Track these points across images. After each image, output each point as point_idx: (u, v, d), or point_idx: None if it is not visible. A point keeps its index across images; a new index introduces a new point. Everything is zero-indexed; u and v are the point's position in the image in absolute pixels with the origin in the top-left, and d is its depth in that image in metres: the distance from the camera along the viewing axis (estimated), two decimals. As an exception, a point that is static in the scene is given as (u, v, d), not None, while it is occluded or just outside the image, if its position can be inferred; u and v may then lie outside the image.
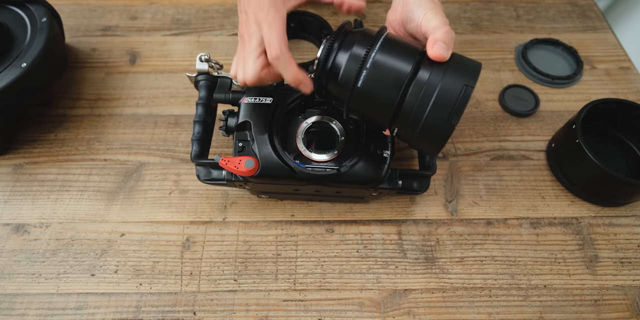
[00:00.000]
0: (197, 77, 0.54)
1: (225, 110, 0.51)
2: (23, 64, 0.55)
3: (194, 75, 0.54)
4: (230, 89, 0.53)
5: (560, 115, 0.66)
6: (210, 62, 0.54)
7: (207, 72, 0.54)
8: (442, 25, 0.40)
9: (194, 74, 0.54)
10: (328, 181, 0.47)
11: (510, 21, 0.77)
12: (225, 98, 0.51)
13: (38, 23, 0.59)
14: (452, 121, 0.37)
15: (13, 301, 0.51)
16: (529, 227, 0.57)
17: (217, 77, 0.54)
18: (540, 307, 0.51)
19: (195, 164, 0.52)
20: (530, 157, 0.63)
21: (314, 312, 0.51)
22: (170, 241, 0.55)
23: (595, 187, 0.56)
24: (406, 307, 0.51)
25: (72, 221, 0.57)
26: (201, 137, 0.52)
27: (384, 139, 0.48)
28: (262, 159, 0.46)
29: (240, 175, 0.47)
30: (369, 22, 0.76)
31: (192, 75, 0.55)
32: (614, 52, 0.73)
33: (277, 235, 0.56)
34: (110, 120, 0.65)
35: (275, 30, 0.42)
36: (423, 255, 0.55)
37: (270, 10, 0.43)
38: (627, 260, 0.55)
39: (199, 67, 0.53)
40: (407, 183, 0.51)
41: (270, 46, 0.42)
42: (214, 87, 0.53)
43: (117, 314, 0.50)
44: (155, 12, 0.77)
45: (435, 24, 0.41)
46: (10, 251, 0.54)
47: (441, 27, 0.40)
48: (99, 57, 0.72)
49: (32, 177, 0.60)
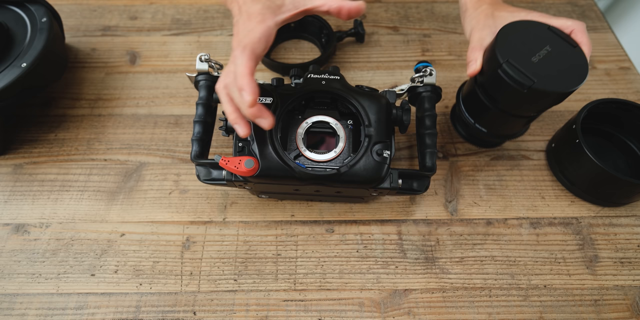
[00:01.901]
0: (197, 77, 0.54)
1: None
2: (23, 64, 0.55)
3: (194, 75, 0.54)
4: None
5: (560, 115, 0.66)
6: (210, 62, 0.54)
7: (207, 72, 0.54)
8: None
9: (194, 74, 0.54)
10: (328, 181, 0.47)
11: (510, 21, 0.77)
12: None
13: (38, 23, 0.59)
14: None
15: (13, 301, 0.51)
16: (529, 227, 0.57)
17: (217, 77, 0.54)
18: (540, 307, 0.51)
19: (195, 164, 0.52)
20: (530, 157, 0.63)
21: (314, 312, 0.51)
22: (170, 241, 0.55)
23: (595, 187, 0.56)
24: (406, 307, 0.51)
25: (72, 221, 0.57)
26: (201, 137, 0.52)
27: (384, 139, 0.48)
28: (262, 159, 0.46)
29: (240, 175, 0.47)
30: (369, 22, 0.76)
31: (192, 75, 0.55)
32: (614, 52, 0.73)
33: (277, 235, 0.56)
34: (110, 120, 0.65)
35: (246, 57, 0.40)
36: (423, 255, 0.55)
37: (260, 40, 0.42)
38: (627, 260, 0.55)
39: (199, 67, 0.53)
40: (407, 183, 0.51)
41: (240, 68, 0.41)
42: (214, 87, 0.53)
43: (117, 314, 0.50)
44: (155, 12, 0.77)
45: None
46: (10, 251, 0.54)
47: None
48: (99, 57, 0.72)
49: (32, 177, 0.60)
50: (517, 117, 0.51)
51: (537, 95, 0.46)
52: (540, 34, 0.48)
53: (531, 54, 0.46)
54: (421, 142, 0.53)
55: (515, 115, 0.51)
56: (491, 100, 0.51)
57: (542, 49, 0.47)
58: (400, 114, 0.51)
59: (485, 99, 0.51)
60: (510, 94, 0.47)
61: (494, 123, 0.54)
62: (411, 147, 0.63)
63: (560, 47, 0.47)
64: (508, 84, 0.46)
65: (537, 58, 0.46)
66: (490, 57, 0.48)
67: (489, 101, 0.51)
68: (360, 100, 0.49)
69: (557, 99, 0.47)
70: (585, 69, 0.46)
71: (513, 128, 0.55)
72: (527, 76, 0.45)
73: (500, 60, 0.46)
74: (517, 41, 0.47)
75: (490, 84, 0.50)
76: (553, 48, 0.47)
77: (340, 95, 0.49)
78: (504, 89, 0.47)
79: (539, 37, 0.48)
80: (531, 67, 0.45)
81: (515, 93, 0.46)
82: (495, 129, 0.55)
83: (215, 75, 0.54)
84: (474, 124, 0.55)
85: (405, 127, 0.52)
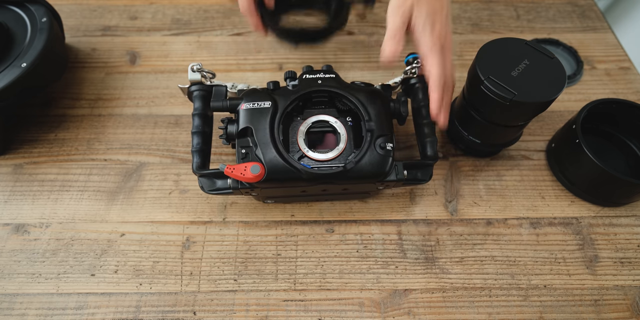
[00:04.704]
0: (191, 88, 0.53)
1: (223, 118, 0.50)
2: (23, 64, 0.55)
3: (187, 87, 0.53)
4: (227, 96, 0.53)
5: (560, 115, 0.66)
6: (203, 72, 0.53)
7: (199, 82, 0.53)
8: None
9: (186, 85, 0.53)
10: (335, 179, 0.47)
11: (510, 21, 0.77)
12: (223, 106, 0.51)
13: (38, 23, 0.59)
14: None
15: (13, 301, 0.51)
16: (529, 227, 0.57)
17: (212, 86, 0.53)
18: (540, 307, 0.51)
19: (198, 176, 0.51)
20: (530, 157, 0.63)
21: (314, 312, 0.51)
22: (170, 241, 0.55)
23: (595, 187, 0.56)
24: (406, 307, 0.51)
25: (72, 221, 0.57)
26: (201, 148, 0.51)
27: (386, 132, 0.48)
28: (267, 163, 0.46)
29: (248, 181, 0.46)
30: (370, 22, 0.76)
31: (184, 86, 0.54)
32: (614, 52, 0.73)
33: (277, 235, 0.56)
34: (110, 120, 0.65)
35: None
36: (423, 255, 0.55)
37: None
38: (627, 260, 0.55)
39: (191, 77, 0.52)
40: (411, 173, 0.52)
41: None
42: (209, 97, 0.52)
43: (117, 314, 0.50)
44: (155, 12, 0.77)
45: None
46: (10, 251, 0.54)
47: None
48: (99, 57, 0.72)
49: (32, 177, 0.60)
50: (507, 127, 0.54)
51: (520, 106, 0.48)
52: (518, 49, 0.51)
53: (511, 68, 0.49)
54: (420, 132, 0.53)
55: (504, 126, 0.54)
56: (480, 114, 0.54)
57: (521, 63, 0.50)
58: (397, 106, 0.52)
59: (474, 113, 0.54)
60: (495, 107, 0.50)
61: (486, 134, 0.56)
62: (411, 147, 0.63)
63: (537, 60, 0.50)
64: (492, 99, 0.49)
65: (516, 72, 0.49)
66: (473, 75, 0.50)
67: (478, 115, 0.54)
68: (358, 96, 0.49)
69: (540, 108, 0.50)
70: (563, 78, 0.49)
71: (506, 137, 0.57)
72: (508, 90, 0.47)
73: (482, 77, 0.49)
74: (496, 58, 0.50)
75: (476, 100, 0.53)
76: (531, 61, 0.50)
77: (338, 93, 0.50)
78: (489, 103, 0.50)
79: (517, 52, 0.51)
80: (511, 81, 0.48)
81: (500, 106, 0.49)
82: (488, 139, 0.57)
83: (208, 84, 0.53)
84: (467, 136, 0.58)
85: (404, 118, 0.52)
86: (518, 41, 0.51)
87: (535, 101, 0.47)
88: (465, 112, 0.55)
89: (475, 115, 0.54)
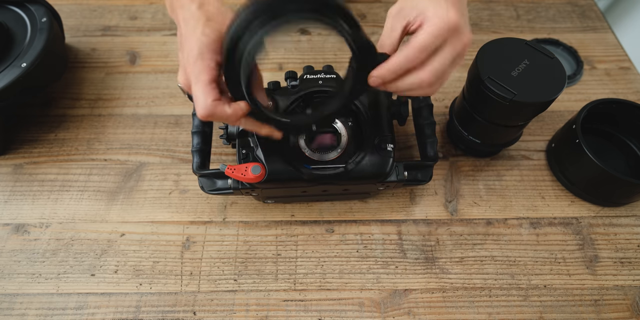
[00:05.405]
0: None
1: None
2: (23, 64, 0.55)
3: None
4: None
5: (560, 115, 0.66)
6: None
7: None
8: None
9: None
10: (336, 180, 0.47)
11: (510, 21, 0.77)
12: None
13: (38, 23, 0.59)
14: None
15: (13, 301, 0.51)
16: (529, 227, 0.57)
17: None
18: (540, 307, 0.51)
19: (198, 176, 0.51)
20: (530, 157, 0.63)
21: (314, 312, 0.51)
22: (170, 241, 0.55)
23: (595, 187, 0.56)
24: (406, 307, 0.51)
25: (72, 221, 0.57)
26: (201, 148, 0.51)
27: (386, 132, 0.48)
28: (268, 163, 0.46)
29: (248, 182, 0.46)
30: (369, 22, 0.76)
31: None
32: (614, 52, 0.73)
33: (277, 235, 0.56)
34: (110, 120, 0.65)
35: (202, 85, 0.37)
36: (423, 255, 0.55)
37: (196, 61, 0.37)
38: (627, 260, 0.55)
39: None
40: (411, 174, 0.52)
41: (198, 105, 0.37)
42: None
43: (117, 314, 0.50)
44: (155, 12, 0.77)
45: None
46: (10, 251, 0.54)
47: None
48: (99, 57, 0.71)
49: (32, 177, 0.60)
50: (507, 127, 0.54)
51: (520, 106, 0.48)
52: (518, 49, 0.51)
53: (511, 68, 0.49)
54: (420, 133, 0.53)
55: (504, 126, 0.54)
56: (480, 114, 0.54)
57: (521, 63, 0.50)
58: (398, 107, 0.52)
59: (474, 113, 0.54)
60: (495, 107, 0.50)
61: (486, 134, 0.56)
62: (411, 147, 0.63)
63: (537, 60, 0.50)
64: (492, 99, 0.49)
65: (516, 72, 0.49)
66: (474, 75, 0.50)
67: (478, 115, 0.54)
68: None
69: (540, 108, 0.50)
70: (563, 78, 0.49)
71: (506, 137, 0.57)
72: (508, 90, 0.47)
73: (482, 77, 0.49)
74: (496, 58, 0.50)
75: (476, 99, 0.53)
76: (531, 61, 0.50)
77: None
78: (489, 103, 0.50)
79: (517, 52, 0.51)
80: (511, 81, 0.48)
81: (500, 106, 0.49)
82: (488, 139, 0.57)
83: None
84: (467, 136, 0.58)
85: (404, 119, 0.52)
86: (518, 41, 0.51)
87: (535, 101, 0.47)
88: (465, 112, 0.55)
89: (475, 115, 0.54)
